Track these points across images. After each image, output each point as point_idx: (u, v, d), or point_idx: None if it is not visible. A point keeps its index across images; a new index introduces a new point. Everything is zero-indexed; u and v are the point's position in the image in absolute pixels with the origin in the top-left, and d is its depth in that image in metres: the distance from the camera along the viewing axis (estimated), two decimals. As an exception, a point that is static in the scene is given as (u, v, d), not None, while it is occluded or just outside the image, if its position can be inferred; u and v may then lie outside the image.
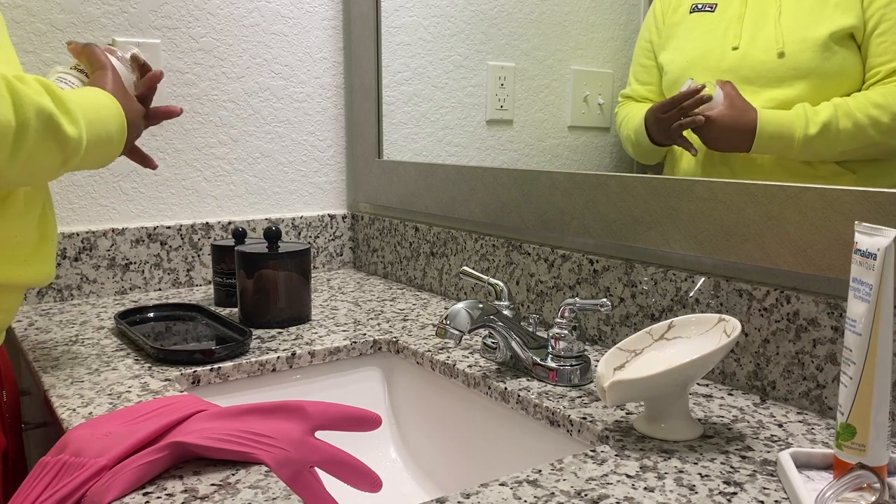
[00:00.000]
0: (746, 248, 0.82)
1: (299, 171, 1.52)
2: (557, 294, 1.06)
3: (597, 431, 0.73)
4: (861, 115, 0.80)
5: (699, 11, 0.96)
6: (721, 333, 0.72)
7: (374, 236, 1.50)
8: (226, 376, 0.93)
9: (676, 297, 0.89)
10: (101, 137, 0.77)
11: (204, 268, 1.40)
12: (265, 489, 0.61)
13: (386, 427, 1.06)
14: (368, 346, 1.05)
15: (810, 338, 0.77)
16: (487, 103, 1.30)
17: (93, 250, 1.29)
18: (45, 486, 0.59)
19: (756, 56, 0.88)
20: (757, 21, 0.89)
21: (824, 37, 0.82)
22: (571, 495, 0.60)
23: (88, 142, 0.74)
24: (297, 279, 1.11)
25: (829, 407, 0.76)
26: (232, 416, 0.68)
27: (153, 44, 1.32)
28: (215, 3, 1.38)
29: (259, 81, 1.44)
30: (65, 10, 1.24)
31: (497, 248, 1.17)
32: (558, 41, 1.17)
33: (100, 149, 0.78)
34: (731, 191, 0.83)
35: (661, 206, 0.91)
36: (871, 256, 0.57)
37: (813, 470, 0.64)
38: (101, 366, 0.92)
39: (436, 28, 1.37)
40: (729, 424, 0.74)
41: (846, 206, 0.73)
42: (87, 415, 0.76)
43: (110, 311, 1.20)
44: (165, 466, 0.63)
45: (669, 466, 0.65)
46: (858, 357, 0.58)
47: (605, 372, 0.73)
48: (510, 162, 1.26)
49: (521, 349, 0.88)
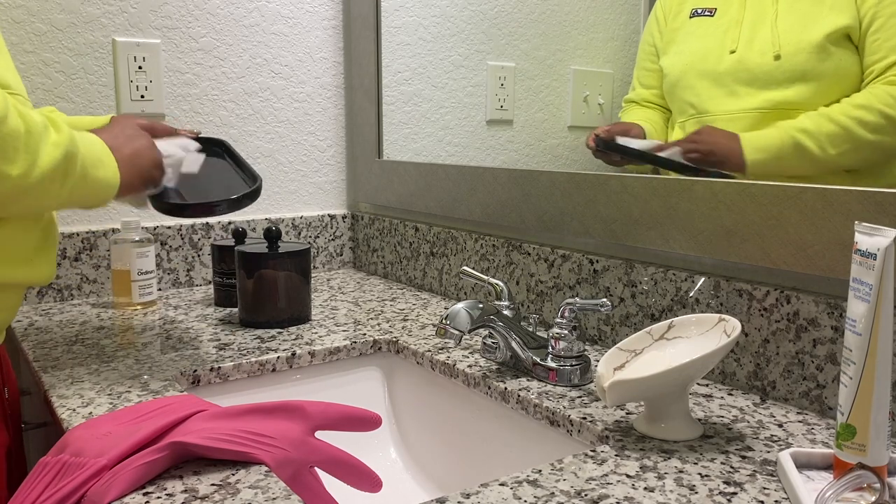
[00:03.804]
0: (746, 248, 0.82)
1: (299, 171, 1.52)
2: (557, 294, 1.06)
3: (597, 431, 0.73)
4: (843, 118, 0.80)
5: (699, 16, 0.96)
6: (721, 333, 0.72)
7: (374, 236, 1.50)
8: (226, 376, 0.93)
9: (676, 297, 0.89)
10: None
11: (204, 268, 1.40)
12: (265, 489, 0.61)
13: (386, 427, 1.06)
14: (368, 346, 1.05)
15: (810, 338, 0.77)
16: (487, 103, 1.30)
17: (93, 250, 1.29)
18: (45, 486, 0.59)
19: (753, 59, 0.88)
20: (754, 24, 0.89)
21: (820, 38, 0.83)
22: (571, 495, 0.60)
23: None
24: (297, 279, 1.11)
25: (829, 407, 0.76)
26: (232, 416, 0.68)
27: (153, 44, 1.32)
28: (215, 3, 1.38)
29: (259, 81, 1.44)
30: (65, 10, 1.24)
31: (497, 248, 1.17)
32: (558, 41, 1.17)
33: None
34: (731, 191, 0.83)
35: (661, 206, 0.91)
36: (871, 256, 0.57)
37: (813, 470, 0.64)
38: (100, 366, 0.92)
39: (436, 28, 1.37)
40: (729, 424, 0.74)
41: (846, 206, 0.73)
42: (87, 415, 0.76)
43: (110, 311, 1.20)
44: (165, 466, 0.63)
45: (669, 466, 0.65)
46: (858, 357, 0.58)
47: (605, 372, 0.73)
48: (510, 162, 1.26)
49: (521, 349, 0.88)
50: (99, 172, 0.77)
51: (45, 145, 0.69)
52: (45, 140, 0.69)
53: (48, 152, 0.69)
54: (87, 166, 0.75)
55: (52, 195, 0.72)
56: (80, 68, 1.26)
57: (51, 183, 0.70)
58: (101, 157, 0.78)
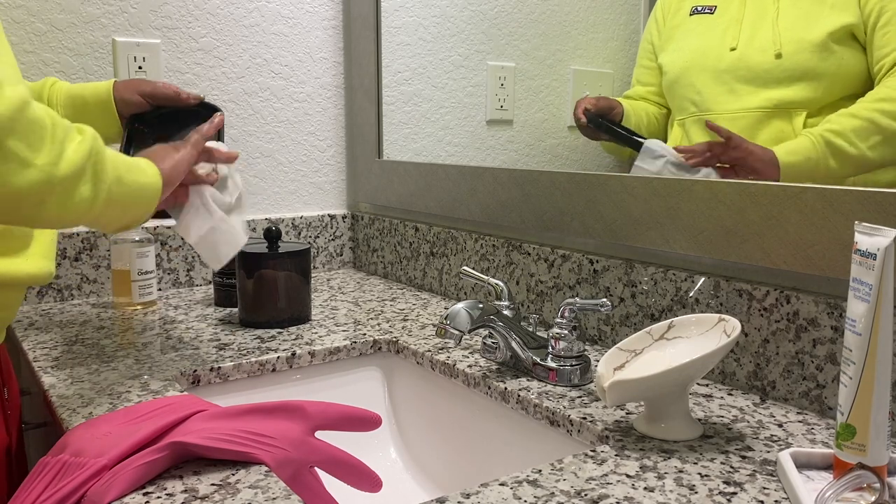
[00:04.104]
0: (746, 248, 0.82)
1: (299, 171, 1.52)
2: (557, 294, 1.06)
3: (597, 431, 0.73)
4: (865, 111, 0.80)
5: (699, 14, 0.96)
6: (721, 333, 0.72)
7: (374, 236, 1.50)
8: (226, 376, 0.93)
9: (676, 297, 0.89)
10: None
11: (204, 268, 1.40)
12: (265, 489, 0.61)
13: (386, 427, 1.06)
14: (368, 346, 1.05)
15: (810, 338, 0.77)
16: (487, 103, 1.30)
17: (93, 250, 1.29)
18: (46, 485, 0.59)
19: (753, 57, 0.88)
20: (755, 22, 0.89)
21: (822, 37, 0.83)
22: (571, 495, 0.60)
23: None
24: (297, 279, 1.11)
25: (829, 407, 0.76)
26: (232, 416, 0.68)
27: (153, 44, 1.32)
28: (215, 3, 1.38)
29: (259, 81, 1.44)
30: (65, 10, 1.24)
31: (497, 248, 1.17)
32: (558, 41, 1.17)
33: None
34: (731, 191, 0.83)
35: (661, 206, 0.91)
36: (871, 256, 0.57)
37: (813, 470, 0.64)
38: (100, 366, 0.92)
39: (436, 28, 1.37)
40: (729, 424, 0.74)
41: (846, 206, 0.73)
42: (87, 415, 0.76)
43: (110, 311, 1.20)
44: (165, 466, 0.63)
45: (669, 466, 0.65)
46: (858, 357, 0.58)
47: (605, 372, 0.73)
48: (510, 162, 1.26)
49: (521, 349, 0.88)
50: (139, 177, 0.74)
51: (71, 140, 0.64)
52: (72, 135, 0.65)
53: (75, 148, 0.64)
54: (120, 169, 0.71)
55: (83, 194, 0.65)
56: (80, 68, 1.26)
57: (80, 180, 0.65)
58: (136, 162, 0.75)
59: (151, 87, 0.97)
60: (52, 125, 0.62)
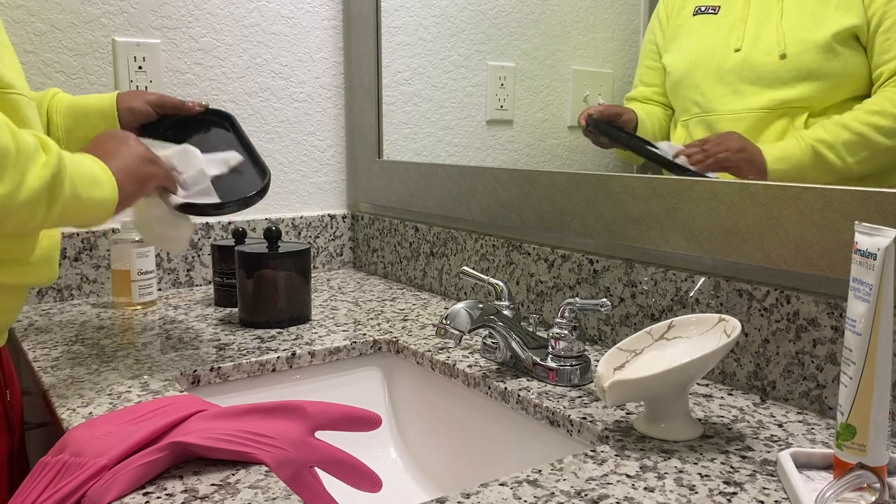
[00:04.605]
0: (746, 248, 0.82)
1: (299, 171, 1.52)
2: (557, 294, 1.06)
3: (597, 431, 0.73)
4: (858, 125, 0.80)
5: (703, 14, 0.96)
6: (721, 333, 0.72)
7: (374, 236, 1.50)
8: (226, 376, 0.93)
9: (676, 297, 0.89)
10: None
11: (204, 268, 1.40)
12: (265, 489, 0.61)
13: (386, 427, 1.06)
14: (368, 346, 1.05)
15: (810, 338, 0.77)
16: (487, 103, 1.30)
17: (93, 250, 1.29)
18: (46, 485, 0.59)
19: (758, 57, 0.88)
20: (759, 23, 0.89)
21: (826, 38, 0.82)
22: (571, 495, 0.60)
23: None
24: (297, 279, 1.11)
25: (829, 407, 0.76)
26: (232, 416, 0.68)
27: (153, 44, 1.32)
28: (215, 3, 1.38)
29: (259, 81, 1.44)
30: (65, 10, 1.24)
31: (497, 248, 1.17)
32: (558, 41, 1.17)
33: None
34: (731, 191, 0.83)
35: (661, 206, 0.91)
36: (871, 256, 0.57)
37: (813, 470, 0.64)
38: (100, 366, 0.92)
39: (436, 28, 1.37)
40: (729, 424, 0.74)
41: (846, 206, 0.73)
42: (87, 415, 0.76)
43: (110, 311, 1.20)
44: (165, 466, 0.63)
45: (669, 466, 0.65)
46: (858, 357, 0.58)
47: (605, 372, 0.73)
48: (510, 162, 1.26)
49: (521, 349, 0.88)
50: (95, 193, 0.75)
51: (34, 166, 0.67)
52: (35, 161, 0.67)
53: (37, 173, 0.67)
54: (78, 187, 0.72)
55: (38, 217, 0.69)
56: (80, 68, 1.26)
57: (38, 204, 0.68)
58: (96, 176, 0.76)
59: (158, 96, 0.98)
60: (16, 152, 0.65)
